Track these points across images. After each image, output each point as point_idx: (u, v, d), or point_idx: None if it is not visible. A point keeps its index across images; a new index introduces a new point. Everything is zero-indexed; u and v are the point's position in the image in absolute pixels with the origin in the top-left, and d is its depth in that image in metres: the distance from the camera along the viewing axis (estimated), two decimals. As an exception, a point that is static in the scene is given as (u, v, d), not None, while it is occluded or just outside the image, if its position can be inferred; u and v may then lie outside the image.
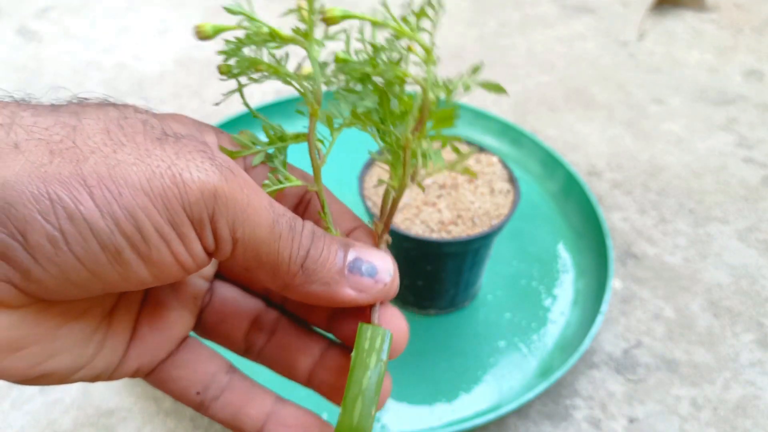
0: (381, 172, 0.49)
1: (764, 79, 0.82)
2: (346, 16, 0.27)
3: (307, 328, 0.33)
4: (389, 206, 0.32)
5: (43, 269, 0.22)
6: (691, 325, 0.53)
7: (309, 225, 0.27)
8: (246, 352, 0.33)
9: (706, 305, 0.55)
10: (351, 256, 0.28)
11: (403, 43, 0.29)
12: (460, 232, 0.46)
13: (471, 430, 0.44)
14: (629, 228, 0.62)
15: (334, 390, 0.31)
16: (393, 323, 0.29)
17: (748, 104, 0.78)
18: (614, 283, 0.56)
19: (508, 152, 0.67)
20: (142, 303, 0.29)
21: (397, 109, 0.30)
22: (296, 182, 0.30)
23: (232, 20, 0.28)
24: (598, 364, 0.50)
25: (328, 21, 0.27)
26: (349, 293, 0.28)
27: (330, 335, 0.33)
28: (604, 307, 0.50)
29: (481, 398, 0.47)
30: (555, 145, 0.71)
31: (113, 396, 0.48)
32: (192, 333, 0.32)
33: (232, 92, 0.30)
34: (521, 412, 0.47)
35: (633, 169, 0.68)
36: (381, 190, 0.48)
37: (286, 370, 0.33)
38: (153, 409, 0.47)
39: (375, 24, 0.28)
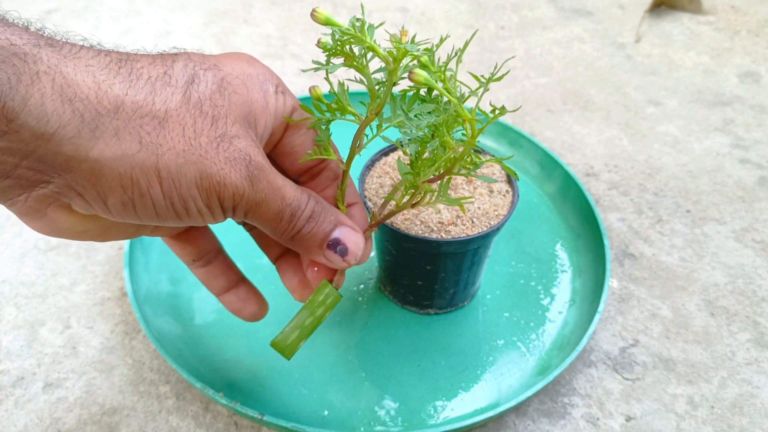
0: (382, 174, 0.50)
1: (760, 81, 0.82)
2: (428, 84, 0.33)
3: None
4: (386, 213, 0.42)
5: (112, 216, 0.32)
6: (688, 324, 0.54)
7: (309, 210, 0.36)
8: (242, 225, 0.43)
9: (702, 305, 0.55)
10: (335, 235, 0.37)
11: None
12: (459, 232, 0.46)
13: (470, 427, 0.45)
14: (626, 228, 0.62)
15: (285, 276, 0.43)
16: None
17: (744, 106, 0.78)
18: (611, 283, 0.57)
19: (506, 153, 0.67)
20: None
21: (430, 154, 0.38)
22: (333, 156, 0.39)
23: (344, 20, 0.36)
24: (596, 363, 0.51)
25: (414, 81, 0.33)
26: (320, 259, 0.38)
27: None
28: (602, 306, 0.50)
29: (480, 396, 0.48)
30: (553, 146, 0.72)
31: (117, 394, 0.48)
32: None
33: (319, 66, 0.36)
34: (520, 409, 0.48)
35: (630, 170, 0.69)
36: (381, 191, 0.48)
37: (264, 248, 0.44)
38: (156, 407, 0.47)
39: (449, 98, 0.35)
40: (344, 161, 0.39)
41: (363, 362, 0.50)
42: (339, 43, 0.34)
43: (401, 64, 0.33)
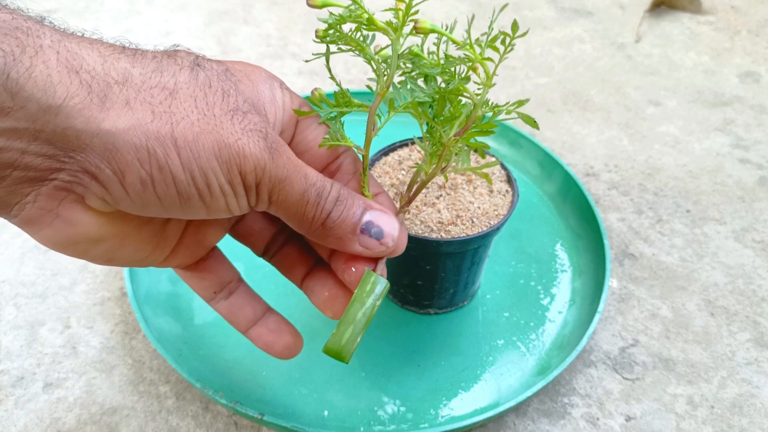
0: (382, 174, 0.50)
1: (761, 81, 0.82)
2: (434, 30, 0.34)
3: (306, 248, 0.41)
4: (417, 186, 0.41)
5: (130, 199, 0.30)
6: (688, 324, 0.54)
7: (335, 192, 0.34)
8: (263, 254, 0.42)
9: (702, 304, 0.55)
10: (366, 218, 0.35)
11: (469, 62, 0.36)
12: (459, 232, 0.46)
13: (470, 427, 0.45)
14: (626, 228, 0.62)
15: (314, 293, 0.40)
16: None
17: (745, 106, 0.78)
18: (611, 283, 0.57)
19: (506, 153, 0.67)
20: (187, 223, 0.37)
21: (447, 113, 0.38)
22: (349, 143, 0.38)
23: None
24: (596, 363, 0.51)
25: (419, 30, 0.33)
26: (357, 248, 0.35)
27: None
28: (602, 306, 0.50)
29: (480, 396, 0.48)
30: (553, 146, 0.72)
31: (116, 394, 0.48)
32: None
33: (320, 54, 0.36)
34: (519, 409, 0.48)
35: (630, 170, 0.69)
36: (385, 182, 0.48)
37: (288, 272, 0.41)
38: (156, 407, 0.48)
39: (455, 43, 0.35)
40: (362, 147, 0.38)
41: (363, 362, 0.50)
42: (339, 20, 0.34)
43: (403, 32, 0.34)
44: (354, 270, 0.37)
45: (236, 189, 0.31)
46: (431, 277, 0.50)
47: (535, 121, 0.38)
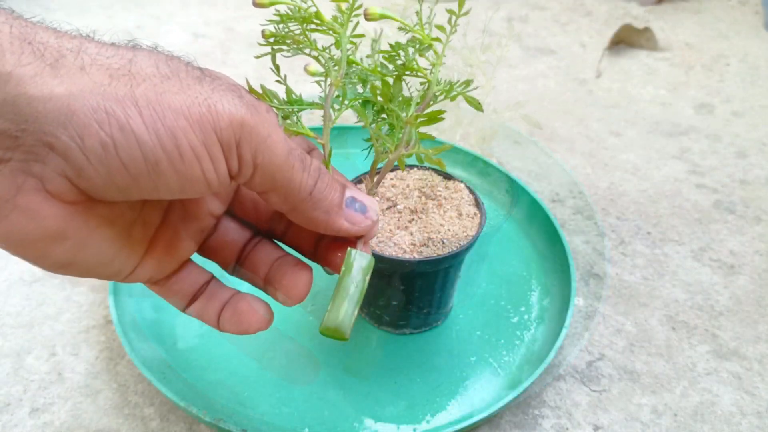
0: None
1: (714, 112, 0.87)
2: (384, 17, 0.35)
3: (271, 247, 0.39)
4: (384, 166, 0.43)
5: (94, 169, 0.27)
6: (651, 338, 0.57)
7: (317, 162, 0.33)
8: (233, 270, 0.39)
9: (664, 320, 0.58)
10: (348, 194, 0.35)
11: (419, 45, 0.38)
12: (430, 252, 0.49)
13: (445, 439, 0.47)
14: (591, 250, 0.65)
15: (276, 284, 0.38)
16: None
17: (700, 135, 0.83)
18: (577, 301, 0.60)
19: (476, 182, 0.71)
20: (158, 229, 0.35)
21: (401, 97, 0.39)
22: (309, 133, 0.36)
23: None
24: (564, 376, 0.53)
25: (368, 17, 0.34)
26: (343, 224, 0.34)
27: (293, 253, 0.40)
28: (568, 322, 0.53)
29: (455, 410, 0.50)
30: (520, 175, 0.75)
31: (102, 417, 0.49)
32: None
33: (265, 54, 0.36)
34: (492, 422, 0.50)
35: (593, 196, 0.72)
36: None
37: (251, 279, 0.39)
38: (141, 429, 0.49)
39: (404, 27, 0.37)
40: (320, 137, 0.38)
41: (342, 381, 0.52)
42: (285, 17, 0.34)
43: (349, 27, 0.35)
44: (340, 255, 0.37)
45: (212, 150, 0.28)
46: (405, 297, 0.52)
47: (479, 104, 0.40)
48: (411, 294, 0.52)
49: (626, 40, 1.03)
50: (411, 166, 0.54)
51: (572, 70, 0.97)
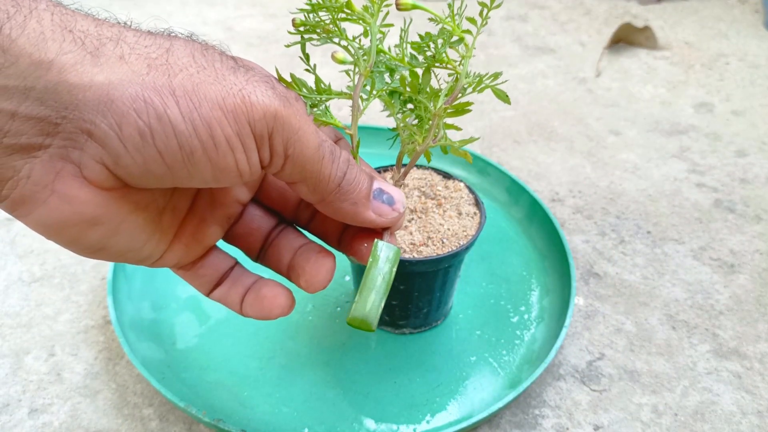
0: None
1: (714, 111, 0.87)
2: (416, 7, 0.35)
3: (295, 234, 0.40)
4: (411, 161, 0.44)
5: (131, 156, 0.27)
6: (651, 337, 0.57)
7: (346, 153, 0.34)
8: (257, 256, 0.40)
9: (664, 319, 0.58)
10: (375, 185, 0.35)
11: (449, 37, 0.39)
12: (430, 252, 0.49)
13: (445, 439, 0.47)
14: (591, 249, 0.65)
15: (299, 270, 0.38)
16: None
17: (699, 134, 0.83)
18: (577, 301, 0.60)
19: (475, 182, 0.71)
20: (186, 215, 0.36)
21: (429, 89, 0.39)
22: (338, 123, 0.37)
23: None
24: (564, 376, 0.53)
25: (401, 7, 0.35)
26: (370, 215, 0.35)
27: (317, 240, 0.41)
28: (568, 322, 0.53)
29: (455, 410, 0.50)
30: (519, 174, 0.75)
31: (101, 418, 0.49)
32: None
33: (295, 43, 0.36)
34: (492, 422, 0.50)
35: (593, 195, 0.72)
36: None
37: (275, 266, 0.39)
38: (140, 429, 0.49)
39: (435, 18, 0.37)
40: (349, 128, 0.38)
41: (341, 381, 0.52)
42: (316, 6, 0.34)
43: (379, 17, 0.35)
44: (366, 246, 0.37)
45: (245, 141, 0.29)
46: (405, 297, 0.52)
47: (507, 96, 0.40)
48: (410, 294, 0.52)
49: (626, 38, 1.02)
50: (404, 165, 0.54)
51: (572, 69, 0.97)
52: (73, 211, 0.28)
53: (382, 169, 0.53)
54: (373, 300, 0.35)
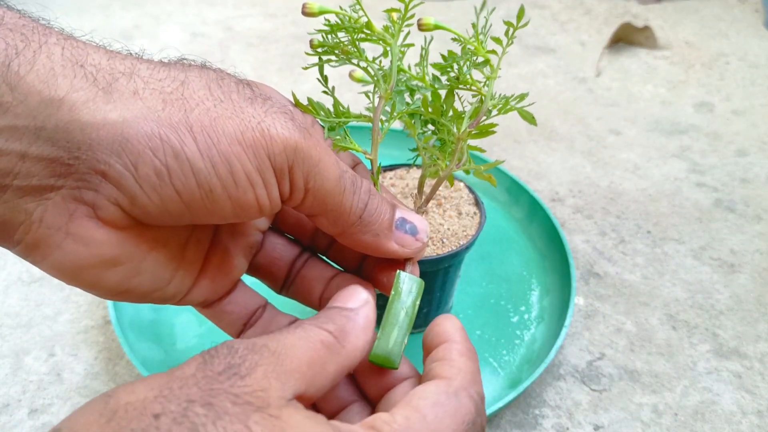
0: (392, 181, 0.52)
1: (714, 110, 0.87)
2: (438, 27, 0.34)
3: (324, 264, 0.38)
4: (434, 183, 0.42)
5: (147, 197, 0.26)
6: (651, 337, 0.57)
7: (367, 183, 0.32)
8: (282, 287, 0.38)
9: (664, 319, 0.58)
10: (398, 215, 0.33)
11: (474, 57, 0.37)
12: (430, 252, 0.49)
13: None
14: (591, 249, 0.65)
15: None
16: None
17: (700, 133, 0.83)
18: (578, 301, 0.60)
19: (475, 181, 0.70)
20: (209, 247, 0.34)
21: (452, 111, 0.38)
22: (357, 148, 0.36)
23: (334, 5, 0.35)
24: (564, 376, 0.53)
25: (423, 27, 0.34)
26: (393, 246, 0.33)
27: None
28: (568, 321, 0.53)
29: (455, 410, 0.50)
30: (520, 174, 0.75)
31: (101, 418, 0.49)
32: None
33: (314, 65, 0.36)
34: (493, 422, 0.50)
35: (593, 195, 0.72)
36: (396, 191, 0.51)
37: (305, 298, 0.38)
38: (140, 429, 0.49)
39: (459, 39, 0.36)
40: (369, 152, 0.37)
41: (341, 381, 0.52)
42: (335, 27, 0.34)
43: (401, 36, 0.34)
44: (386, 276, 0.36)
45: (265, 176, 0.28)
46: (405, 296, 0.52)
47: (533, 117, 0.39)
48: (411, 294, 0.52)
49: (626, 38, 1.02)
50: (410, 166, 0.54)
51: (572, 69, 0.97)
52: (90, 253, 0.27)
53: (384, 169, 0.53)
54: (396, 336, 0.33)
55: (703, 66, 0.97)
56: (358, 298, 0.30)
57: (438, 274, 0.51)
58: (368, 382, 0.34)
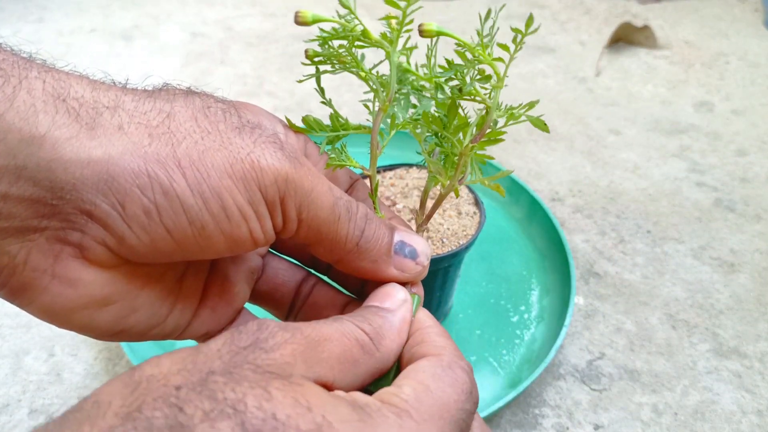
0: (393, 181, 0.52)
1: (714, 110, 0.87)
2: (440, 33, 0.32)
3: (334, 289, 0.37)
4: (435, 200, 0.40)
5: (136, 237, 0.25)
6: (651, 336, 0.57)
7: (363, 208, 0.31)
8: (287, 315, 0.37)
9: (664, 318, 0.58)
10: (396, 238, 0.32)
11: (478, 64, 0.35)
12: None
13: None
14: (591, 249, 0.65)
15: None
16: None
17: (699, 133, 0.82)
18: (577, 300, 0.60)
19: (475, 181, 0.70)
20: (208, 275, 0.33)
21: (456, 122, 0.36)
22: (355, 164, 0.35)
23: (329, 13, 0.33)
24: (564, 376, 0.53)
25: (424, 33, 0.32)
26: (392, 271, 0.32)
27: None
28: (568, 321, 0.53)
29: (455, 410, 0.50)
30: (519, 173, 0.75)
31: (101, 418, 0.49)
32: None
33: (311, 75, 0.34)
34: (493, 421, 0.50)
35: (593, 195, 0.72)
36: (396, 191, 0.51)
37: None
38: (140, 429, 0.49)
39: (463, 45, 0.34)
40: (367, 168, 0.36)
41: (341, 381, 0.52)
42: (331, 36, 0.32)
43: (399, 42, 0.32)
44: None
45: (257, 208, 0.27)
46: (405, 296, 0.52)
47: (545, 124, 0.37)
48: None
49: (625, 38, 1.02)
50: (410, 165, 0.54)
51: (572, 69, 0.97)
52: (79, 294, 0.26)
53: (383, 168, 0.53)
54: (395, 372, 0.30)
55: (703, 66, 0.97)
56: (395, 298, 0.30)
57: (438, 274, 0.51)
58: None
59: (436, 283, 0.51)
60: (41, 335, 0.55)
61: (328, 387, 0.24)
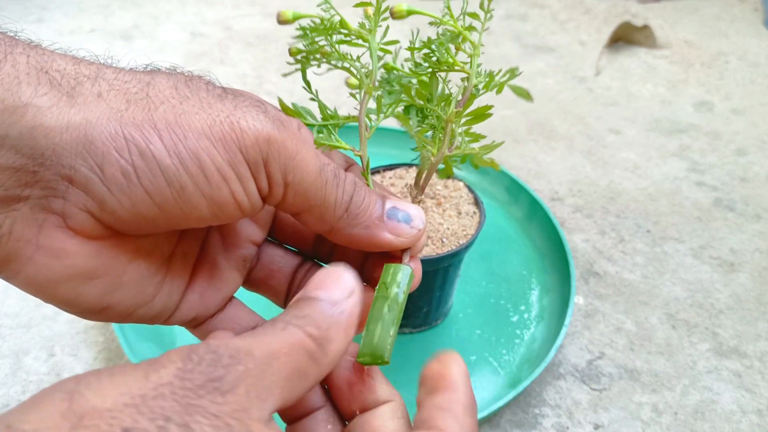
0: (392, 181, 0.52)
1: (714, 110, 0.87)
2: (411, 12, 0.33)
3: None
4: (426, 173, 0.41)
5: (117, 200, 0.25)
6: (651, 336, 0.57)
7: (351, 175, 0.31)
8: (284, 302, 0.36)
9: (664, 318, 0.58)
10: (388, 204, 0.32)
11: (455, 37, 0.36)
12: (429, 251, 0.49)
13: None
14: (590, 248, 0.65)
15: None
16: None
17: (699, 133, 0.83)
18: (577, 300, 0.60)
19: (474, 180, 0.70)
20: (198, 259, 0.33)
21: (440, 94, 0.37)
22: (344, 145, 0.35)
23: (310, 10, 0.34)
24: (564, 375, 0.53)
25: (395, 15, 0.33)
26: (387, 237, 0.31)
27: None
28: (568, 321, 0.53)
29: (455, 409, 0.50)
30: (519, 173, 0.75)
31: (101, 418, 0.49)
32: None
33: (296, 71, 0.35)
34: (493, 421, 0.50)
35: (593, 194, 0.72)
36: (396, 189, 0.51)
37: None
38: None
39: (435, 21, 0.35)
40: (357, 149, 0.36)
41: (341, 381, 0.52)
42: (312, 29, 0.33)
43: (378, 33, 0.33)
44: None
45: (239, 170, 0.27)
46: (405, 296, 0.52)
47: (528, 93, 0.38)
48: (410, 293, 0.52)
49: (625, 37, 1.02)
50: (410, 165, 0.54)
51: (571, 68, 0.97)
52: (63, 266, 0.26)
53: (383, 168, 0.53)
54: (380, 332, 0.31)
55: (703, 65, 0.97)
56: (342, 288, 0.27)
57: (438, 274, 0.51)
58: (341, 393, 0.31)
59: (436, 283, 0.51)
60: (41, 335, 0.55)
61: (280, 409, 0.24)
